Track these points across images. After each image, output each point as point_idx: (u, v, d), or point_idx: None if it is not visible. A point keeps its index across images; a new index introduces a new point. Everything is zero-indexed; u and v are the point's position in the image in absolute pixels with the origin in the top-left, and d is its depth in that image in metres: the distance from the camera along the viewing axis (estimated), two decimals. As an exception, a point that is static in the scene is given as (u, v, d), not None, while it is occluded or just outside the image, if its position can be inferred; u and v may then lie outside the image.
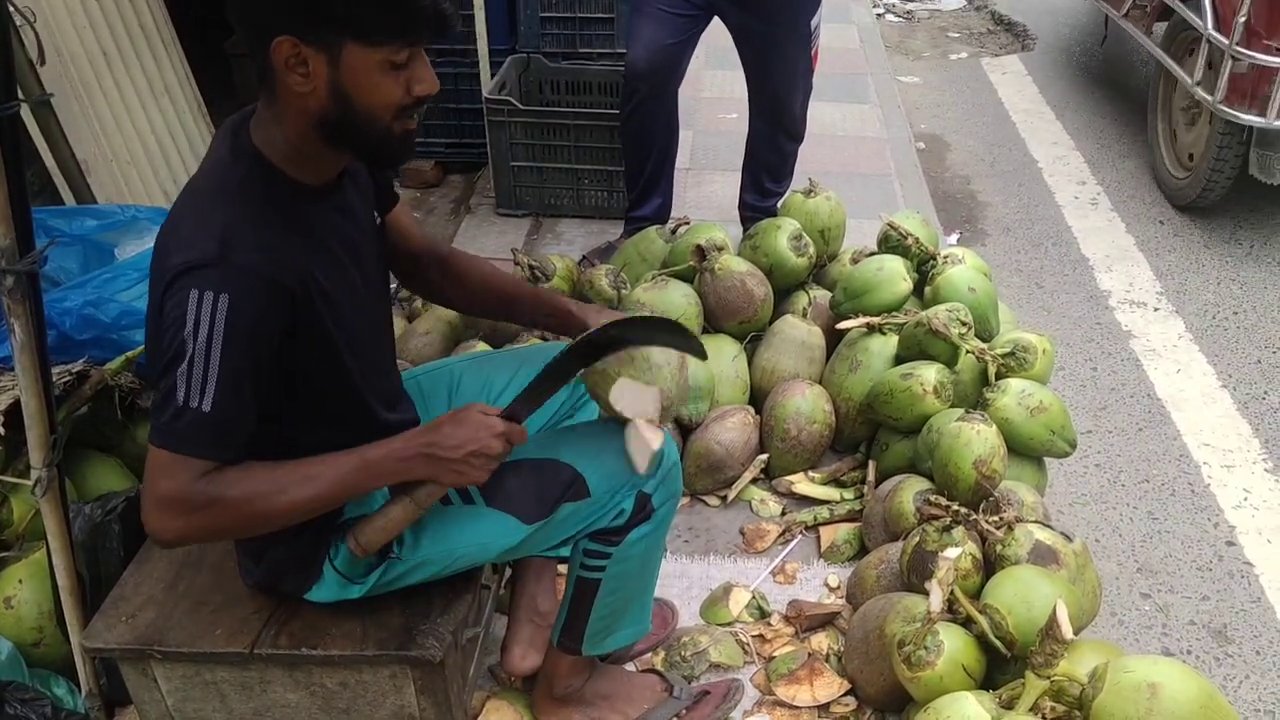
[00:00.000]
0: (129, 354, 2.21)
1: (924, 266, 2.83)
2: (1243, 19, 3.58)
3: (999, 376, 2.47)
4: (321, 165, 1.47)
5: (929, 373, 2.45)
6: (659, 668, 2.12)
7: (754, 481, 2.65)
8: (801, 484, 2.62)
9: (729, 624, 2.26)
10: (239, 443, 1.38)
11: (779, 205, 3.33)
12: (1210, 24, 3.78)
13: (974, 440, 2.21)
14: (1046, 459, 2.49)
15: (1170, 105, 4.41)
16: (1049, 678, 1.64)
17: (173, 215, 1.43)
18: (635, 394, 1.67)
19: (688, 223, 3.14)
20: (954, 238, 4.10)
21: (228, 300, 1.31)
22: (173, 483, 1.34)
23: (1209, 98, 3.77)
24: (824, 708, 2.05)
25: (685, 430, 2.64)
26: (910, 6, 6.99)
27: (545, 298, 1.88)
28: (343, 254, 1.50)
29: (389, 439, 1.49)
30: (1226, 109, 3.69)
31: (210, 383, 1.31)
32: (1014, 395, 2.39)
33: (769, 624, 2.26)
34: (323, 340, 1.45)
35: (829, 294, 2.91)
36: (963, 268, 2.70)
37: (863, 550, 2.44)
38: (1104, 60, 5.80)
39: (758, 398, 2.77)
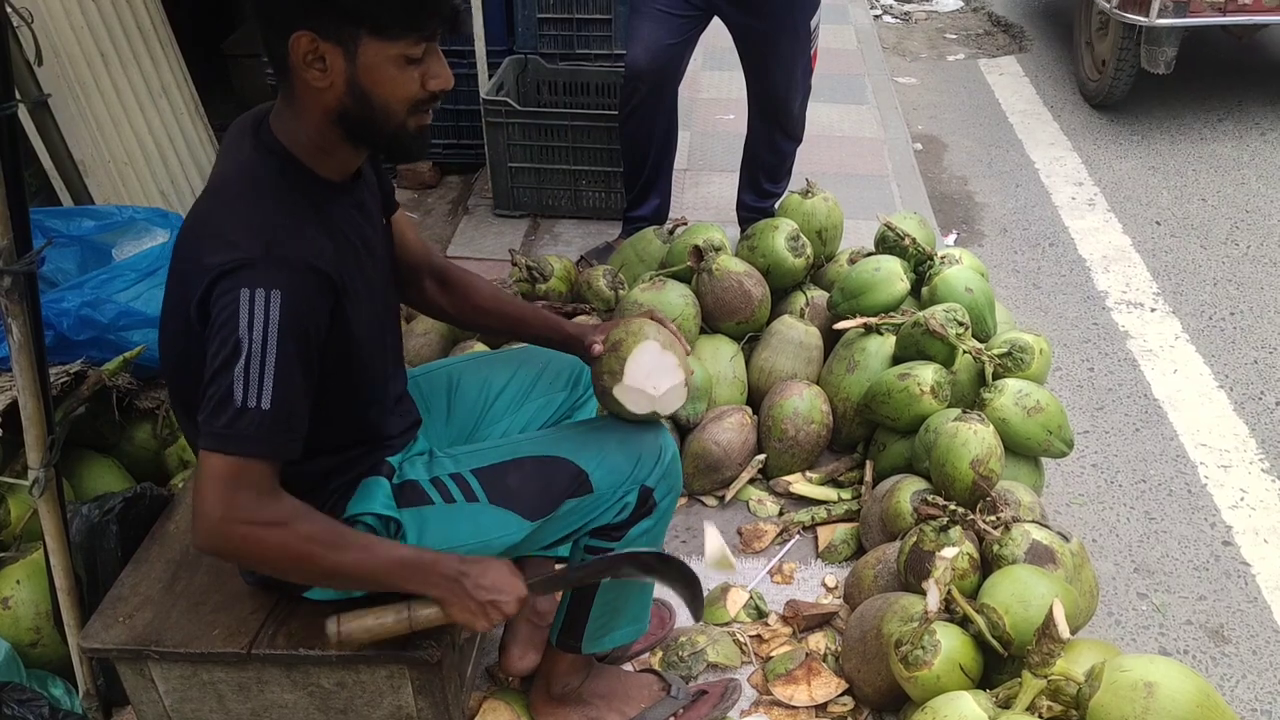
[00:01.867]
0: (126, 355, 2.22)
1: (921, 267, 2.83)
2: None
3: (996, 377, 2.48)
4: (341, 160, 1.48)
5: (926, 373, 2.45)
6: (656, 667, 2.13)
7: (751, 482, 2.65)
8: (799, 484, 2.63)
9: (726, 624, 2.26)
10: (299, 438, 1.38)
11: (776, 206, 3.33)
12: None
13: (971, 440, 2.21)
14: (1044, 459, 2.49)
15: (1089, 23, 5.31)
16: (1046, 677, 1.64)
17: (200, 216, 1.43)
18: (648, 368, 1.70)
19: (685, 223, 3.14)
20: (951, 238, 4.11)
21: (280, 296, 1.31)
22: (235, 490, 1.32)
23: (1108, 5, 4.76)
24: (821, 707, 2.05)
25: (683, 430, 2.64)
26: (907, 8, 7.00)
27: (541, 316, 1.89)
28: (362, 251, 1.51)
29: (436, 552, 1.51)
30: (1120, 13, 4.67)
31: (268, 380, 1.31)
32: (1011, 395, 2.39)
33: (766, 624, 2.26)
34: (345, 337, 1.46)
35: (826, 294, 2.91)
36: (960, 268, 2.70)
37: (860, 550, 2.45)
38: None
39: (755, 398, 2.78)
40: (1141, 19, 4.56)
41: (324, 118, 1.40)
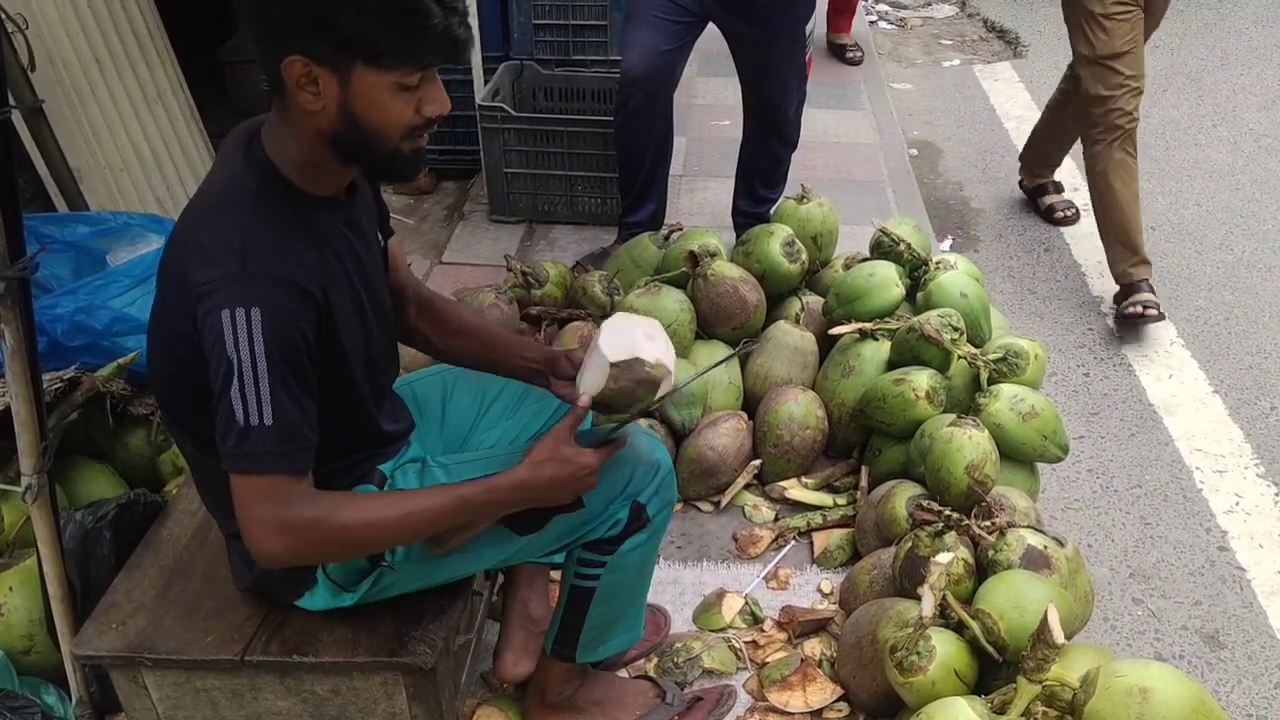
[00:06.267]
0: (120, 361, 2.21)
1: (916, 272, 2.84)
2: None
3: (991, 382, 2.48)
4: (331, 177, 1.47)
5: (921, 378, 2.45)
6: (651, 674, 2.12)
7: (747, 487, 2.65)
8: (794, 489, 2.62)
9: (722, 630, 2.26)
10: (310, 446, 1.38)
11: (772, 211, 3.33)
12: None
13: (966, 445, 2.21)
14: (1039, 464, 2.49)
15: None
16: (1041, 682, 1.64)
17: (187, 228, 1.42)
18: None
19: (681, 229, 3.14)
20: (946, 244, 4.11)
21: (260, 312, 1.31)
22: (265, 505, 1.34)
23: None
24: (817, 713, 2.05)
25: (678, 436, 2.64)
26: (903, 14, 7.01)
27: (525, 345, 1.85)
28: (351, 268, 1.50)
29: (487, 478, 1.51)
30: None
31: (265, 396, 1.31)
32: (1006, 400, 2.40)
33: (762, 629, 2.26)
34: (333, 349, 1.45)
35: (821, 300, 2.92)
36: (955, 273, 2.71)
37: (855, 555, 2.45)
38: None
39: (750, 403, 2.78)
40: None
41: (316, 138, 1.39)
